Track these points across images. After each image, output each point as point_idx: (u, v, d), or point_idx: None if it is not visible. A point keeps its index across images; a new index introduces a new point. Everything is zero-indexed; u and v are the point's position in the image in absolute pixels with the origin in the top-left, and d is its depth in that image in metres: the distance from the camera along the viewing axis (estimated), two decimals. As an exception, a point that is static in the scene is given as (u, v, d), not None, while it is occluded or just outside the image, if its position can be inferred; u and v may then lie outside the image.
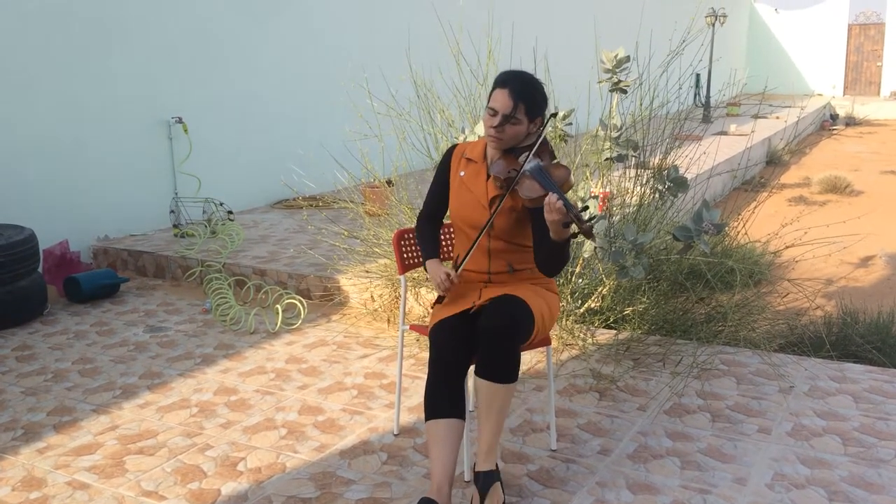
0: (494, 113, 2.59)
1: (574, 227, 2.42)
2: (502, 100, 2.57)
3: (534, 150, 2.57)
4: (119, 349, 4.14)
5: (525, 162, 2.55)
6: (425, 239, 2.88)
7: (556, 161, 2.64)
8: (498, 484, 2.44)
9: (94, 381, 3.71)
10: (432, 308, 2.78)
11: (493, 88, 2.63)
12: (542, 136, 2.62)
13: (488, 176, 2.69)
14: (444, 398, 2.48)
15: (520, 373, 3.60)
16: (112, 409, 3.39)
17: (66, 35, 5.65)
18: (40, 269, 5.00)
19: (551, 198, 2.37)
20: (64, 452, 3.00)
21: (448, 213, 2.87)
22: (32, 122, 5.51)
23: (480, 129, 4.02)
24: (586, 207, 2.46)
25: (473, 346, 2.53)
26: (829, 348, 3.95)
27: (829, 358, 3.84)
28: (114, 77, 6.01)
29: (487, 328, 2.48)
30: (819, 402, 3.31)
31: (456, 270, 2.67)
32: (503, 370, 2.46)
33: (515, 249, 2.71)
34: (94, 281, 5.01)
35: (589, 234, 2.41)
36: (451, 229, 3.11)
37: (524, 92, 2.59)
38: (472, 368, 2.55)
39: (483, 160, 2.73)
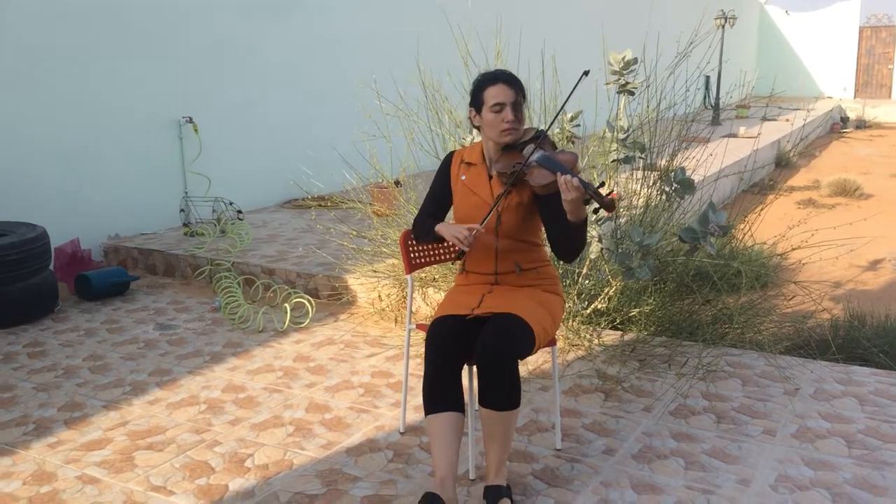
0: (501, 107, 2.62)
1: (594, 203, 2.43)
2: (505, 92, 2.63)
3: (540, 138, 2.61)
4: (129, 346, 4.18)
5: (530, 153, 2.58)
6: (426, 223, 2.84)
7: (558, 150, 2.67)
8: (507, 500, 2.46)
9: (105, 377, 3.75)
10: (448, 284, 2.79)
11: (484, 89, 2.66)
12: (544, 129, 2.66)
13: (490, 176, 2.72)
14: (441, 392, 2.49)
15: (527, 372, 3.63)
16: (122, 406, 3.42)
17: (77, 36, 5.71)
18: (52, 267, 5.05)
19: (566, 177, 2.39)
20: (74, 447, 3.04)
21: (452, 218, 2.88)
22: (44, 122, 5.56)
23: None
24: (603, 184, 2.46)
25: (472, 343, 2.53)
26: (835, 351, 3.95)
27: (835, 361, 3.84)
28: (125, 77, 6.06)
29: (486, 356, 2.44)
30: (824, 405, 3.31)
31: (480, 224, 2.62)
32: (504, 398, 2.45)
33: (523, 248, 2.73)
34: (104, 279, 5.05)
35: (610, 207, 2.42)
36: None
37: (515, 79, 2.68)
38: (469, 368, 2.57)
39: (483, 162, 2.76)
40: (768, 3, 29.84)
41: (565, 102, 2.90)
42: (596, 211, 2.47)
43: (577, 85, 2.76)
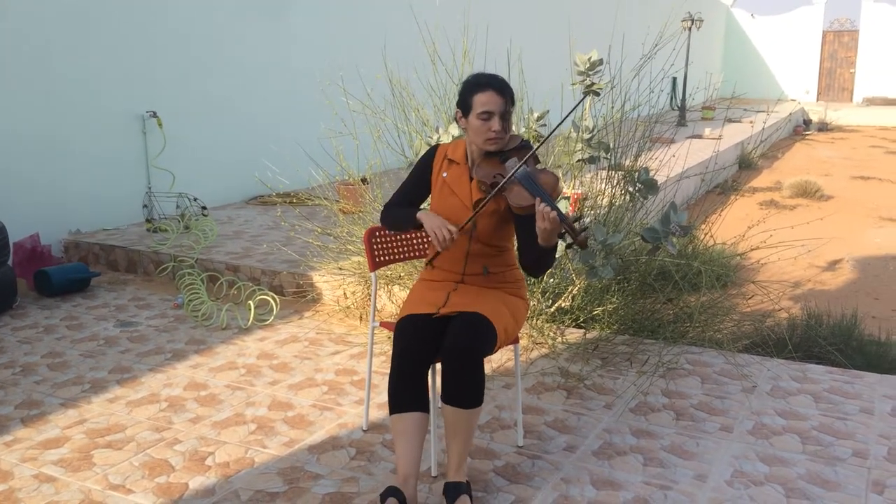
0: (489, 116, 2.58)
1: (567, 238, 2.43)
2: (494, 100, 2.57)
3: (525, 158, 2.56)
4: (89, 343, 4.12)
5: (513, 169, 2.54)
6: (401, 209, 2.77)
7: (541, 167, 2.65)
8: (466, 497, 2.47)
9: (63, 375, 3.70)
10: (418, 270, 2.79)
11: (474, 93, 2.60)
12: (539, 143, 2.65)
13: (472, 178, 2.70)
14: (407, 392, 2.50)
15: (490, 370, 3.66)
16: (80, 403, 3.38)
17: (40, 28, 5.60)
18: (10, 262, 4.95)
19: (545, 208, 2.38)
20: (31, 446, 2.99)
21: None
22: (4, 114, 5.45)
23: (455, 129, 4.05)
24: (579, 217, 2.45)
25: (438, 342, 2.55)
26: (791, 349, 4.03)
27: (791, 359, 3.92)
28: (88, 70, 5.97)
29: (451, 355, 2.46)
30: (780, 402, 3.38)
31: (459, 228, 2.58)
32: (468, 396, 2.47)
33: (493, 253, 2.73)
34: (64, 275, 4.97)
35: (584, 245, 2.40)
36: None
37: (506, 87, 2.63)
38: (438, 365, 2.58)
39: (465, 162, 2.73)
40: (735, 6, 30.28)
41: (558, 126, 2.74)
42: (569, 246, 2.47)
43: (569, 111, 2.77)
